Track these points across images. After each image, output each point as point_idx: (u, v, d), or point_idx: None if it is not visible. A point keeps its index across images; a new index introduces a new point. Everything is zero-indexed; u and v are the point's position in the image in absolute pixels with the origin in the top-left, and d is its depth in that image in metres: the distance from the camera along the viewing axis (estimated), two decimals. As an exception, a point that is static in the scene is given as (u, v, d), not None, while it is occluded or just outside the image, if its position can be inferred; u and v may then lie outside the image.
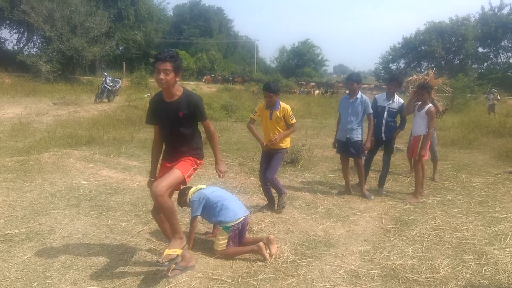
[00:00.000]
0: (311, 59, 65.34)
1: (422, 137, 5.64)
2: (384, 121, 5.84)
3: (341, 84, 39.47)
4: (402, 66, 55.89)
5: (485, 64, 52.85)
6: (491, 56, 53.15)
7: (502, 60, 52.31)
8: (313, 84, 42.02)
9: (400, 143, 10.39)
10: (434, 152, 6.96)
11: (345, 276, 3.43)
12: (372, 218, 4.90)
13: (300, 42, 65.66)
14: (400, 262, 3.70)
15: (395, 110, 5.82)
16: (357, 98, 5.57)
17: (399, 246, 4.07)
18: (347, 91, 5.91)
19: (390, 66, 56.14)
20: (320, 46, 77.07)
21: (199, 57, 44.27)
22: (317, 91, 33.21)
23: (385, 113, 5.83)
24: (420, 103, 5.73)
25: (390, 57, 56.19)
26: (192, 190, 3.99)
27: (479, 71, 45.03)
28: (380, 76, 56.52)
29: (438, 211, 5.19)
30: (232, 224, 3.70)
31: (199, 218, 3.97)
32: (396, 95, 5.87)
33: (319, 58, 67.41)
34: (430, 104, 5.68)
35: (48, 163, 6.92)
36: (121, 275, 3.30)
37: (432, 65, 52.48)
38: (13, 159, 7.05)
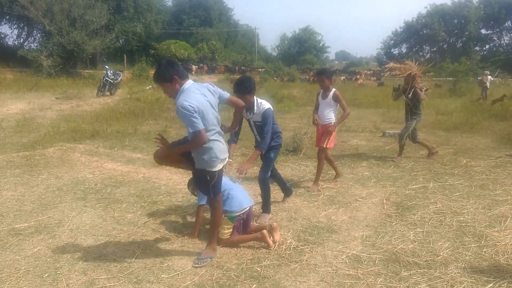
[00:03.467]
0: (313, 46, 64.93)
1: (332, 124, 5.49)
2: (256, 138, 4.55)
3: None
4: (404, 51, 55.51)
5: (487, 46, 52.38)
6: (494, 38, 52.67)
7: (506, 41, 51.83)
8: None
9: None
10: (414, 137, 7.16)
11: (347, 261, 3.51)
12: (373, 204, 4.97)
13: (301, 29, 65.25)
14: (401, 246, 3.77)
15: (260, 123, 4.29)
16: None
17: (400, 230, 4.14)
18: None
19: (392, 51, 55.77)
20: (321, 32, 76.73)
21: (200, 47, 44.08)
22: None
23: (253, 128, 4.50)
24: (322, 90, 5.57)
25: (392, 42, 55.85)
26: None
27: (482, 53, 44.68)
28: (382, 61, 56.16)
29: (439, 195, 5.25)
30: (238, 214, 3.78)
31: (205, 207, 4.05)
32: (257, 102, 4.26)
33: (321, 45, 66.98)
34: (334, 89, 5.48)
35: (53, 158, 7.02)
36: (129, 265, 3.40)
37: (434, 48, 52.12)
38: (19, 155, 7.14)
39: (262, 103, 4.28)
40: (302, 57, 60.30)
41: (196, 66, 36.19)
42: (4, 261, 3.41)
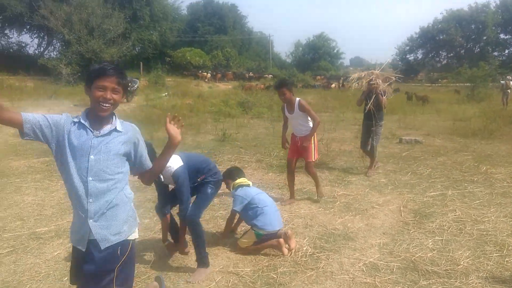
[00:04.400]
0: (327, 53, 64.83)
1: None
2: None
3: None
4: (420, 57, 54.93)
5: (506, 51, 51.45)
6: (513, 43, 51.72)
7: (525, 46, 50.84)
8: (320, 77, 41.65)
9: (419, 135, 10.29)
10: (373, 147, 6.72)
11: (364, 268, 3.47)
12: (391, 211, 4.90)
13: (315, 36, 65.22)
14: (419, 254, 3.71)
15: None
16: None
17: (418, 238, 4.07)
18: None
19: (407, 57, 55.24)
20: (336, 39, 76.70)
21: (215, 54, 44.47)
22: (333, 85, 32.97)
23: None
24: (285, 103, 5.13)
25: (407, 48, 55.26)
26: (239, 180, 4.02)
27: (501, 58, 43.88)
28: (397, 67, 55.66)
29: (458, 203, 5.15)
30: (265, 233, 3.76)
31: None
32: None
33: (335, 51, 66.82)
34: (298, 99, 5.06)
35: (72, 164, 7.13)
36: (146, 270, 3.43)
37: (451, 54, 51.45)
38: (40, 160, 7.30)
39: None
40: (317, 63, 60.23)
41: (209, 74, 36.05)
42: (25, 264, 3.48)
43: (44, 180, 6.10)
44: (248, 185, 4.04)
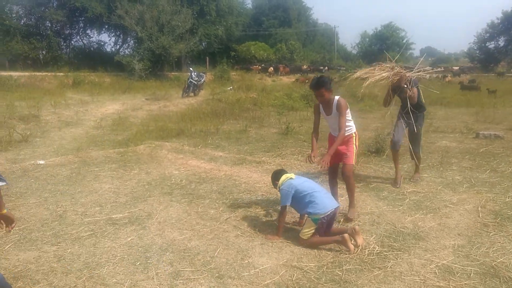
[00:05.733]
0: (395, 43, 61.82)
1: (354, 135, 4.55)
2: None
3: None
4: (501, 44, 50.18)
5: None
6: None
7: None
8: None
9: (499, 129, 9.44)
10: (417, 153, 5.79)
11: (436, 271, 3.26)
12: (466, 211, 4.55)
13: (383, 26, 62.51)
14: (501, 259, 3.40)
15: None
16: None
17: (500, 242, 3.74)
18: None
19: (487, 45, 50.77)
20: (405, 28, 72.88)
21: (279, 47, 44.38)
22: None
23: None
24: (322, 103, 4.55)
25: (487, 35, 50.73)
26: (283, 177, 4.09)
27: None
28: (474, 57, 51.46)
29: (547, 205, 4.64)
30: (321, 216, 3.73)
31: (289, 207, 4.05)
32: None
33: (404, 41, 63.54)
34: (337, 97, 4.47)
35: (143, 154, 7.56)
36: (211, 260, 3.52)
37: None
38: (115, 151, 7.82)
39: None
40: (384, 54, 57.73)
41: (272, 68, 35.61)
42: (103, 247, 3.75)
43: (119, 170, 6.52)
44: (291, 178, 4.05)
